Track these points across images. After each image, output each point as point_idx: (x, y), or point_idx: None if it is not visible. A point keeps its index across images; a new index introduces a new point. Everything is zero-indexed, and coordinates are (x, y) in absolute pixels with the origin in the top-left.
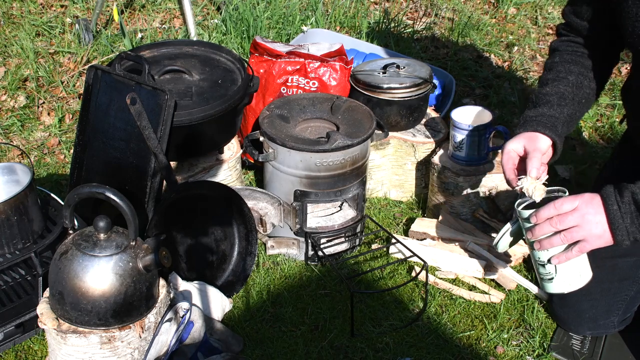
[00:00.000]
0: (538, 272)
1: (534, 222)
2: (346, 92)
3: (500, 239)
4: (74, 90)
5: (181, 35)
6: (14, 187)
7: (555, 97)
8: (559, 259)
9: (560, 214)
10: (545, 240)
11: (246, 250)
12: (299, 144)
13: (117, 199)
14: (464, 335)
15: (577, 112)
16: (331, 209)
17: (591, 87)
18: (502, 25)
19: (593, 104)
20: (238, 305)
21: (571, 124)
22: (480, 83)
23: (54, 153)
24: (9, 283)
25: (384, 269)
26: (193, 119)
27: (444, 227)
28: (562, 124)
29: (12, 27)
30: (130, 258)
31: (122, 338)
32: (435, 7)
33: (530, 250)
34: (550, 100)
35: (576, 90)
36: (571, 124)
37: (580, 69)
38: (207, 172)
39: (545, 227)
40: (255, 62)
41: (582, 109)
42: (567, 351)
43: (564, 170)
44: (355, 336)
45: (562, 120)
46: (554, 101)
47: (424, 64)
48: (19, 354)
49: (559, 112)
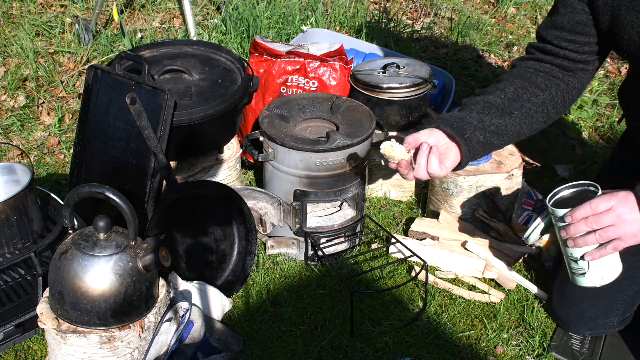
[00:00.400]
0: (570, 267)
1: (569, 221)
2: (346, 92)
3: (531, 233)
4: (74, 90)
5: (181, 35)
6: (14, 187)
7: (480, 105)
8: (593, 256)
9: (596, 214)
10: (580, 239)
11: (246, 250)
12: (299, 144)
13: (117, 199)
14: (464, 335)
15: (510, 125)
16: (331, 209)
17: (534, 102)
18: (502, 25)
19: (549, 120)
20: (238, 305)
21: (501, 135)
22: (480, 83)
23: (54, 153)
24: (9, 283)
25: (384, 269)
26: (193, 119)
27: (444, 227)
28: (477, 129)
29: (12, 27)
30: (130, 258)
31: (122, 338)
32: (435, 7)
33: (563, 246)
34: (473, 107)
35: (510, 103)
36: (501, 136)
37: (524, 84)
38: (207, 172)
39: (580, 226)
40: (255, 62)
41: (519, 123)
42: (567, 351)
43: (564, 170)
44: (355, 336)
45: (476, 126)
46: (476, 108)
47: (424, 64)
48: (19, 354)
49: (478, 118)
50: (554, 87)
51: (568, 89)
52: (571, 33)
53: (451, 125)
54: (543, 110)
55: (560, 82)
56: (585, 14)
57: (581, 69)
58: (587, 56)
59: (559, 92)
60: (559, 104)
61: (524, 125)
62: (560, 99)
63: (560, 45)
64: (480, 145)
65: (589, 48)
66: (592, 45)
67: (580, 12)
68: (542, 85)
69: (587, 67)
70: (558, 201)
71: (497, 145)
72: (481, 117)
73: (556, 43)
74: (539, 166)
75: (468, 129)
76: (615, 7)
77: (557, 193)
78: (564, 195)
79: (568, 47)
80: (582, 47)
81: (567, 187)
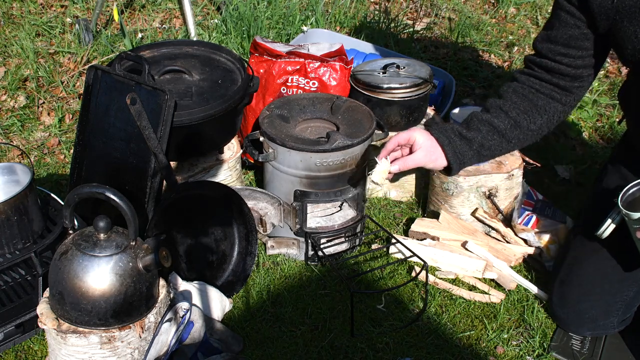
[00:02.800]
0: None
1: None
2: (346, 92)
3: (604, 232)
4: (74, 90)
5: (181, 35)
6: (14, 187)
7: (486, 128)
8: None
9: None
10: None
11: (246, 250)
12: (299, 144)
13: (117, 199)
14: (464, 335)
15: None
16: (331, 209)
17: (532, 128)
18: (502, 25)
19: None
20: (238, 305)
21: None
22: (480, 83)
23: (54, 153)
24: (9, 283)
25: (384, 269)
26: (193, 119)
27: (444, 227)
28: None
29: (12, 27)
30: (130, 258)
31: (122, 338)
32: (435, 7)
33: (638, 243)
34: (481, 128)
35: (511, 129)
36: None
37: (526, 108)
38: (207, 172)
39: None
40: (255, 62)
41: (514, 145)
42: (567, 351)
43: (563, 170)
44: (355, 336)
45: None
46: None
47: (424, 64)
48: (19, 354)
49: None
50: (551, 110)
51: (564, 109)
52: (565, 46)
53: (454, 148)
54: (539, 133)
55: (558, 104)
56: (578, 29)
57: (577, 86)
58: (582, 70)
59: (556, 114)
60: (554, 124)
61: (517, 146)
62: (556, 120)
63: (554, 59)
64: (471, 163)
65: (582, 62)
66: (586, 58)
67: (573, 26)
68: (541, 109)
69: (582, 83)
70: (629, 199)
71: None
72: (483, 143)
73: (550, 56)
74: (539, 166)
75: (467, 153)
76: (617, 20)
77: (628, 191)
78: (634, 192)
79: (562, 60)
80: (576, 61)
81: (636, 184)
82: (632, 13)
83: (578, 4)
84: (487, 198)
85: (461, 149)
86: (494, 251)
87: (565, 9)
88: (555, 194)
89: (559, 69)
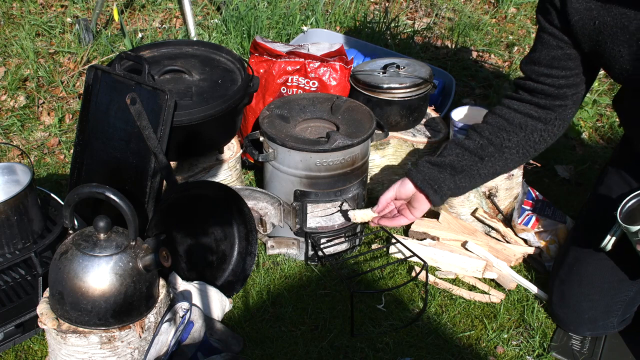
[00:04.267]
0: None
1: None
2: (346, 92)
3: (606, 244)
4: (74, 90)
5: (181, 35)
6: (14, 187)
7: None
8: None
9: None
10: None
11: (246, 250)
12: (299, 144)
13: (117, 199)
14: (464, 335)
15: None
16: (331, 209)
17: (508, 145)
18: (502, 25)
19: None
20: (238, 305)
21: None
22: (480, 83)
23: (54, 153)
24: (9, 283)
25: (384, 269)
26: (193, 119)
27: (444, 227)
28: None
29: (12, 27)
30: (130, 258)
31: (122, 338)
32: (435, 7)
33: None
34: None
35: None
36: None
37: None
38: (207, 172)
39: None
40: (255, 62)
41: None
42: (567, 351)
43: (563, 170)
44: (355, 336)
45: (446, 176)
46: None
47: (424, 64)
48: (19, 354)
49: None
50: (529, 127)
51: (547, 127)
52: (547, 67)
53: (422, 176)
54: (518, 151)
55: (538, 122)
56: (561, 49)
57: (558, 105)
58: (565, 90)
59: (535, 132)
60: (537, 142)
61: (497, 167)
62: (538, 137)
63: (537, 80)
64: (452, 190)
65: (566, 81)
66: (570, 78)
67: (555, 47)
68: (517, 127)
69: (565, 102)
70: (627, 212)
71: (470, 187)
72: (453, 165)
73: (534, 77)
74: (538, 166)
75: (439, 178)
76: (601, 41)
77: (626, 204)
78: (632, 205)
79: (545, 81)
80: (559, 81)
81: (634, 196)
82: (615, 33)
83: (560, 25)
84: (487, 198)
85: (430, 174)
86: (494, 251)
87: (547, 31)
88: (555, 194)
89: (541, 89)
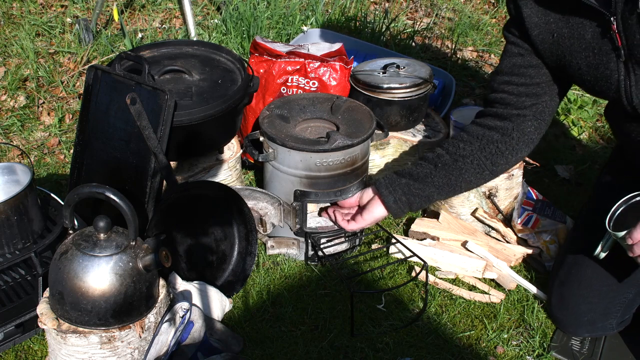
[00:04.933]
0: None
1: (629, 242)
2: (346, 92)
3: (599, 252)
4: (74, 90)
5: (181, 35)
6: (14, 187)
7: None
8: None
9: None
10: None
11: (246, 250)
12: (299, 144)
13: (117, 199)
14: (464, 335)
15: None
16: None
17: (461, 154)
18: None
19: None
20: (238, 305)
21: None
22: (480, 83)
23: (54, 153)
24: (9, 283)
25: (384, 269)
26: (193, 119)
27: (444, 227)
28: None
29: (12, 27)
30: (130, 258)
31: (122, 338)
32: (435, 7)
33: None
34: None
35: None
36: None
37: (457, 136)
38: (207, 172)
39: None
40: (255, 62)
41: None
42: (567, 351)
43: (563, 170)
44: (355, 336)
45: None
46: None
47: (424, 64)
48: (19, 354)
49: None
50: (485, 138)
51: (503, 139)
52: (508, 75)
53: (382, 182)
54: (472, 161)
55: (494, 132)
56: (521, 57)
57: (516, 114)
58: (524, 99)
59: (491, 143)
60: (492, 154)
61: (451, 177)
62: (494, 149)
63: (498, 89)
64: (406, 196)
65: (525, 89)
66: (530, 86)
67: (516, 55)
68: (472, 136)
69: (523, 112)
70: (618, 218)
71: (426, 197)
72: (411, 172)
73: (495, 87)
74: (538, 166)
75: (394, 183)
76: (561, 55)
77: (615, 212)
78: (621, 211)
79: (504, 88)
80: (518, 88)
81: (621, 203)
82: (572, 45)
83: (519, 33)
84: (487, 198)
85: (390, 178)
86: (494, 251)
87: (509, 40)
88: (555, 194)
89: (500, 98)
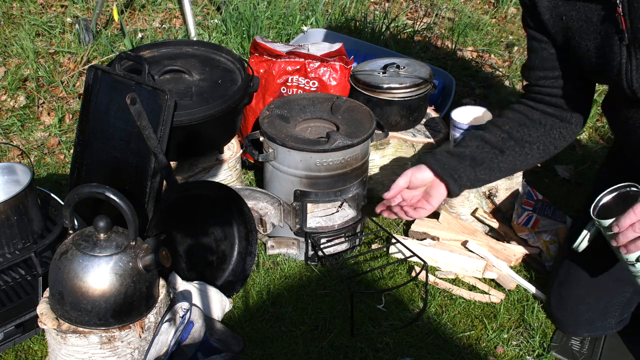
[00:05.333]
0: (629, 271)
1: (616, 231)
2: (346, 92)
3: (580, 243)
4: (74, 90)
5: (181, 35)
6: (14, 187)
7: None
8: None
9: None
10: (631, 245)
11: (246, 250)
12: (299, 144)
13: (117, 199)
14: (464, 335)
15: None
16: (331, 209)
17: (528, 140)
18: (502, 25)
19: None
20: (238, 305)
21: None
22: (480, 83)
23: (54, 153)
24: (9, 283)
25: (384, 269)
26: (193, 119)
27: (444, 227)
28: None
29: (12, 27)
30: (130, 258)
31: (122, 338)
32: (435, 7)
33: (616, 252)
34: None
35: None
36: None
37: (521, 120)
38: (207, 172)
39: (629, 233)
40: (255, 62)
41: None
42: (567, 351)
43: (563, 170)
44: (355, 336)
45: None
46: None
47: (424, 64)
48: (19, 354)
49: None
50: (549, 124)
51: (564, 125)
52: (541, 70)
53: (442, 165)
54: (539, 147)
55: (555, 119)
56: (545, 50)
57: (567, 103)
58: (566, 90)
59: (555, 128)
60: (556, 139)
61: (517, 162)
62: (558, 134)
63: (538, 84)
64: (470, 182)
65: (563, 81)
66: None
67: (540, 49)
68: (536, 122)
69: (574, 102)
70: (601, 208)
71: (488, 180)
72: (474, 156)
73: (534, 82)
74: (538, 166)
75: (459, 168)
76: (570, 37)
77: (600, 200)
78: (606, 201)
79: (544, 83)
80: (557, 81)
81: (607, 192)
82: (580, 27)
83: (534, 25)
84: (487, 198)
85: (450, 163)
86: (494, 251)
87: (530, 35)
88: (555, 194)
89: (546, 91)
